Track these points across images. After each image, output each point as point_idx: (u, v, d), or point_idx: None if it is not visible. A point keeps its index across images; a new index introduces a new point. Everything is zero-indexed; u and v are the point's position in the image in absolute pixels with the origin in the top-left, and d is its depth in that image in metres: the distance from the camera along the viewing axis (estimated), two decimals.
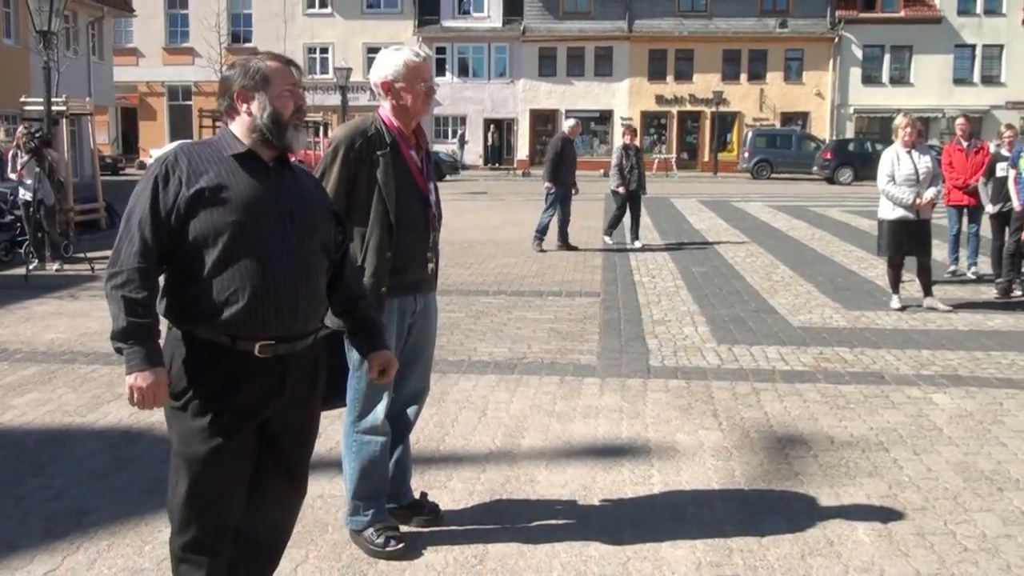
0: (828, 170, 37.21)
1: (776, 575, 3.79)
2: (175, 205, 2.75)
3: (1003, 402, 6.33)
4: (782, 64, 47.79)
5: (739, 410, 6.06)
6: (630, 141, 14.64)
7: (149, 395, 2.71)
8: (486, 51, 48.47)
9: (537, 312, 9.19)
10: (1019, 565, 3.92)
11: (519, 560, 3.87)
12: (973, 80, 47.17)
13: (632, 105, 47.35)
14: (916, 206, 9.21)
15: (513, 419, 5.77)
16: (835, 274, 12.05)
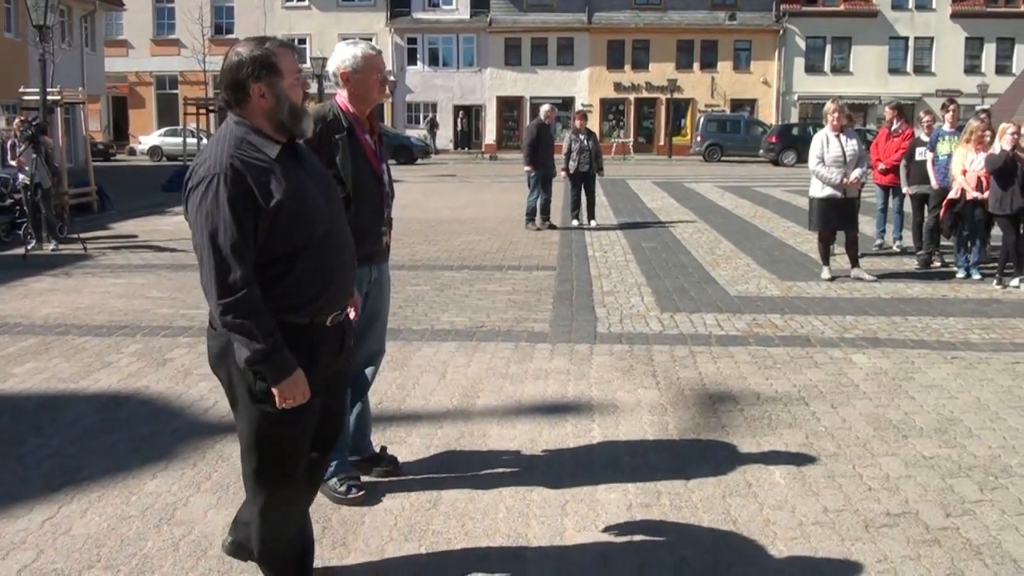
0: (774, 153, 37.52)
1: (698, 513, 3.97)
2: (258, 223, 2.66)
3: (915, 361, 6.54)
4: (732, 54, 47.92)
5: (676, 371, 6.22)
6: (580, 126, 14.67)
7: (300, 393, 2.75)
8: (455, 41, 48.19)
9: (497, 285, 9.31)
10: (916, 501, 4.12)
11: (468, 504, 4.02)
12: (906, 70, 47.61)
13: (592, 92, 47.33)
14: (843, 185, 9.43)
15: (470, 381, 5.90)
16: (772, 248, 12.24)
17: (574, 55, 47.72)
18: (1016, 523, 3.91)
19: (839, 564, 3.53)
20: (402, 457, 4.49)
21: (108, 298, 8.62)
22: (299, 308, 2.79)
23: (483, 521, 3.86)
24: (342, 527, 3.73)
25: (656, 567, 3.49)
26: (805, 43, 47.50)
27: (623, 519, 3.91)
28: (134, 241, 13.01)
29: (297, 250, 2.75)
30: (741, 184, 24.83)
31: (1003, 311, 8.29)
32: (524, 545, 3.66)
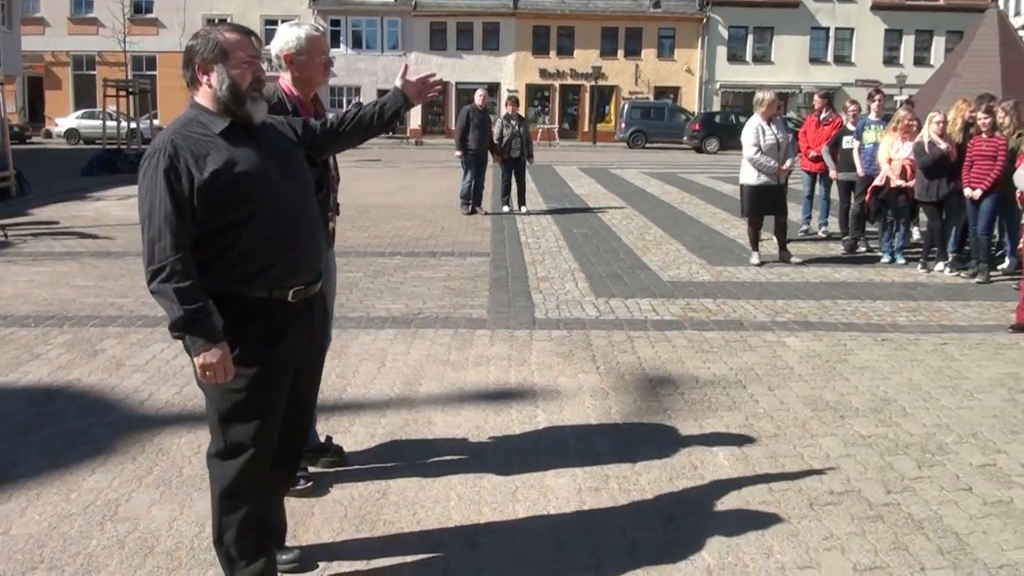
0: (697, 140, 38.10)
1: (647, 496, 4.02)
2: (193, 192, 2.75)
3: (847, 343, 6.72)
4: (655, 42, 48.50)
5: (615, 356, 6.27)
6: (512, 111, 14.69)
7: (220, 370, 2.77)
8: (379, 24, 47.71)
9: (431, 271, 9.26)
10: (857, 479, 4.24)
11: (419, 493, 4.00)
12: (827, 60, 48.83)
13: (518, 78, 47.39)
14: (779, 172, 9.64)
15: (410, 368, 5.87)
16: (701, 234, 12.42)
17: (500, 40, 47.75)
18: (955, 498, 4.06)
19: (787, 541, 3.61)
20: (347, 447, 4.44)
21: (32, 287, 8.31)
22: (251, 280, 2.85)
23: (434, 509, 3.85)
24: (292, 519, 3.66)
25: (609, 549, 3.52)
26: (728, 32, 48.32)
27: (573, 503, 3.93)
28: (56, 228, 12.53)
29: (241, 220, 2.81)
30: (666, 171, 25.14)
31: (928, 294, 8.58)
32: (477, 532, 3.66)
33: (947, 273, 9.62)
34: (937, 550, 3.57)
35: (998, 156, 8.88)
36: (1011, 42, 14.25)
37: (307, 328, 3.05)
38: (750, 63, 48.61)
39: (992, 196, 8.99)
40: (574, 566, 3.41)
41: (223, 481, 2.96)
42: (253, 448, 2.92)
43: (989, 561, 3.51)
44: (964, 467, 4.43)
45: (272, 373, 2.91)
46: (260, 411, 2.92)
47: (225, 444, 2.94)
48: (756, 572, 3.38)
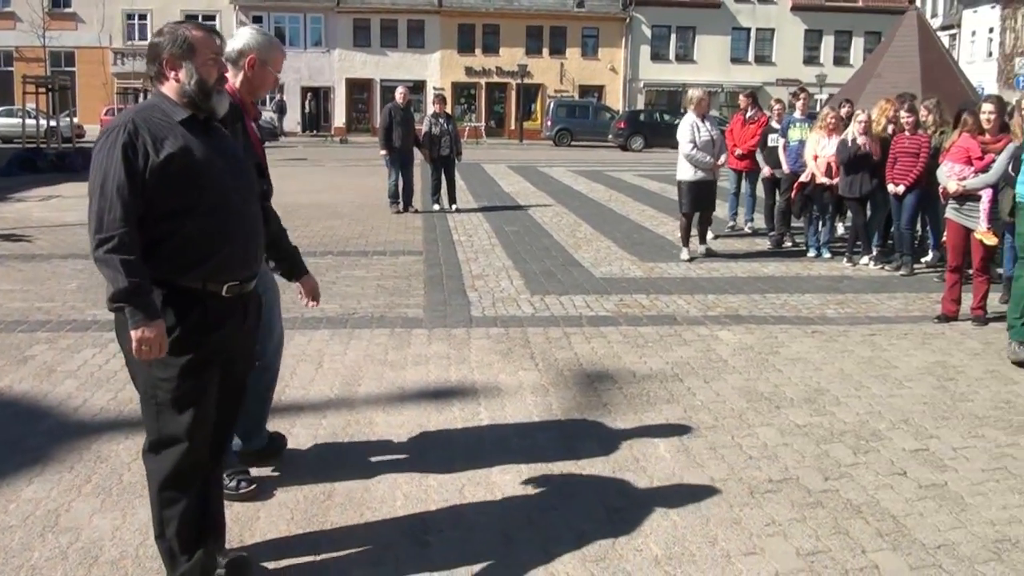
0: (622, 138, 38.48)
1: (592, 489, 4.07)
2: (147, 171, 2.81)
3: (777, 336, 6.88)
4: (580, 41, 48.92)
5: (553, 352, 6.32)
6: (439, 109, 14.65)
7: (156, 345, 2.82)
8: (302, 21, 47.05)
9: (364, 270, 9.20)
10: (795, 467, 4.36)
11: (364, 493, 3.98)
12: (748, 59, 49.86)
13: (443, 76, 47.30)
14: (714, 168, 9.85)
15: (348, 369, 5.83)
16: (631, 231, 12.57)
17: (425, 38, 47.58)
18: (891, 482, 4.20)
19: (731, 529, 3.69)
20: (287, 449, 4.40)
21: None
22: (187, 270, 2.92)
23: (381, 509, 3.83)
24: (237, 524, 3.62)
25: (557, 543, 3.56)
26: (651, 32, 48.97)
27: (520, 499, 3.96)
28: None
29: (186, 209, 2.88)
30: (593, 168, 25.36)
31: (855, 287, 8.83)
32: (426, 530, 3.66)
33: (872, 266, 9.92)
34: (876, 533, 3.70)
35: (921, 153, 9.19)
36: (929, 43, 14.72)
37: (240, 324, 3.12)
38: (673, 62, 49.35)
39: (915, 192, 9.31)
40: (524, 560, 3.43)
41: (160, 475, 3.00)
42: (187, 440, 2.97)
43: (927, 542, 3.65)
44: (898, 452, 4.59)
45: (203, 363, 2.97)
46: (193, 401, 2.96)
47: (159, 436, 2.98)
48: (702, 560, 3.45)
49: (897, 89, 10.73)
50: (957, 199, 7.54)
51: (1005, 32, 43.86)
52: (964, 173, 7.51)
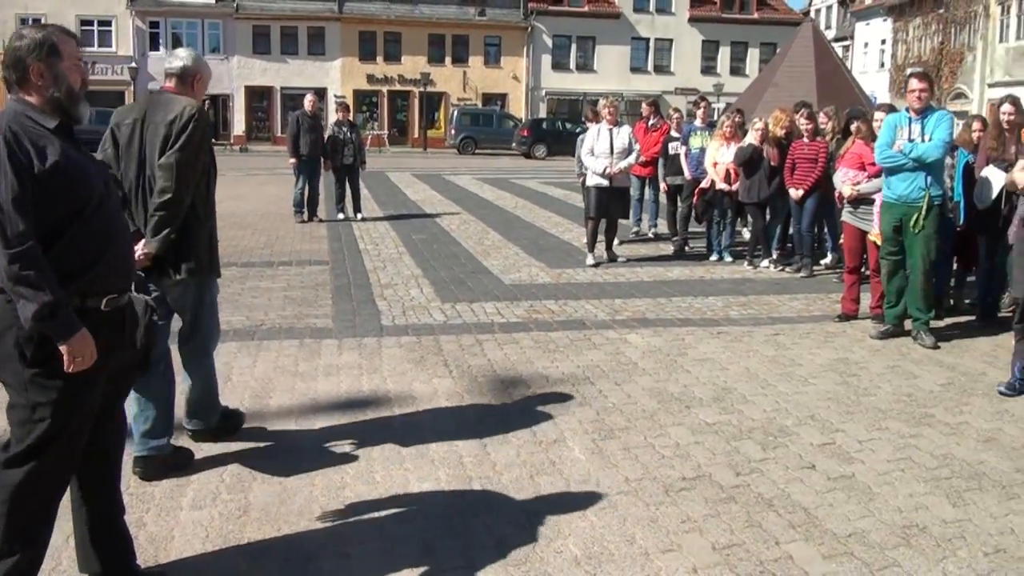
0: (526, 146, 38.79)
1: (510, 493, 4.09)
2: (36, 181, 2.73)
3: (684, 338, 7.04)
4: (482, 49, 49.11)
5: (466, 359, 6.34)
6: (343, 117, 14.51)
7: (88, 353, 2.79)
8: (200, 27, 45.91)
9: (270, 281, 9.04)
10: (707, 464, 4.47)
11: (281, 507, 3.91)
12: (648, 69, 50.83)
13: (345, 84, 46.85)
14: (606, 174, 9.99)
15: (258, 381, 5.72)
16: (538, 237, 12.67)
17: (325, 45, 47.06)
18: (800, 476, 4.35)
19: (648, 527, 3.76)
20: (201, 465, 4.31)
21: None
22: (67, 284, 2.81)
23: (299, 523, 3.78)
24: (151, 545, 3.53)
25: (479, 549, 3.57)
26: (552, 41, 49.50)
27: (440, 507, 3.96)
28: None
29: (68, 219, 2.81)
30: (499, 176, 25.48)
31: (756, 289, 9.09)
32: (346, 542, 3.62)
33: (772, 269, 10.23)
34: (788, 525, 3.82)
35: (819, 159, 9.53)
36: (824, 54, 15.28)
37: (119, 338, 3.04)
38: (574, 71, 50.00)
39: (814, 196, 9.65)
40: (446, 568, 3.43)
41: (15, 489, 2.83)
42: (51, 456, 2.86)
43: (838, 531, 3.79)
44: (806, 447, 4.75)
45: (81, 381, 2.84)
46: (64, 418, 2.85)
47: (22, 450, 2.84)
48: (621, 559, 3.51)
49: (794, 98, 11.11)
50: (852, 203, 7.84)
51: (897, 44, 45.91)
52: (858, 178, 7.81)
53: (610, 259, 10.50)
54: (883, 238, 7.18)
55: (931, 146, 6.74)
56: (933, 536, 3.79)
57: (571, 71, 49.96)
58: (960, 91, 39.67)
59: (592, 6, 49.68)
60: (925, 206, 6.80)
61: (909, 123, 6.91)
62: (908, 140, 6.84)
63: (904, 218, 6.93)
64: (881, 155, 7.04)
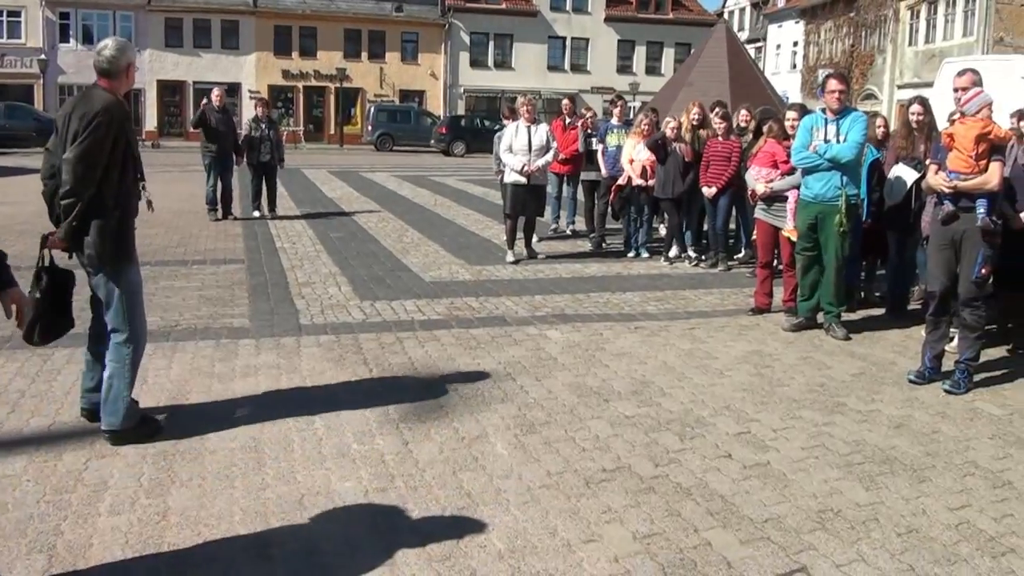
0: (444, 143, 38.75)
1: (434, 491, 4.10)
2: None
3: (603, 333, 7.14)
4: (399, 45, 48.83)
5: (386, 357, 6.32)
6: (261, 113, 14.27)
7: None
8: (111, 19, 44.53)
9: (184, 281, 8.86)
10: (626, 456, 4.56)
11: (200, 511, 3.85)
12: (564, 67, 51.26)
13: (259, 79, 46.11)
14: (524, 172, 10.05)
15: (175, 384, 5.61)
16: (457, 235, 12.69)
17: (240, 39, 46.21)
18: (717, 465, 4.47)
19: (570, 519, 3.82)
20: (117, 470, 4.22)
21: None
22: None
23: (219, 526, 3.72)
24: (69, 553, 3.44)
25: (403, 546, 3.57)
26: (469, 38, 49.51)
27: (362, 506, 3.95)
28: None
29: None
30: (417, 173, 25.40)
31: (673, 284, 9.28)
32: (268, 544, 3.59)
33: (688, 264, 10.43)
34: (707, 512, 3.93)
35: (732, 157, 9.75)
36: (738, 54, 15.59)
37: None
38: (492, 69, 50.10)
39: (727, 193, 9.87)
40: (369, 566, 3.43)
41: None
42: None
43: (755, 517, 3.91)
44: (722, 437, 4.88)
45: None
46: None
47: None
48: (544, 551, 3.55)
49: (708, 97, 11.32)
50: (765, 200, 8.05)
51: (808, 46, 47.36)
52: (771, 176, 8.02)
53: (530, 256, 10.58)
54: (799, 235, 7.39)
55: (845, 147, 6.97)
56: (847, 519, 3.94)
57: (489, 68, 50.05)
58: (870, 92, 41.04)
59: (509, 4, 49.85)
60: (844, 205, 7.02)
61: (825, 124, 7.12)
62: (824, 141, 7.05)
63: (820, 216, 7.15)
64: (797, 156, 7.25)
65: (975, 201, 5.88)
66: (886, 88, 39.71)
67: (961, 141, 5.91)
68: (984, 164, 5.85)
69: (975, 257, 5.87)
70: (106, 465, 4.28)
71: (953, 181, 5.94)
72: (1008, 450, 4.92)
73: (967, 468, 4.63)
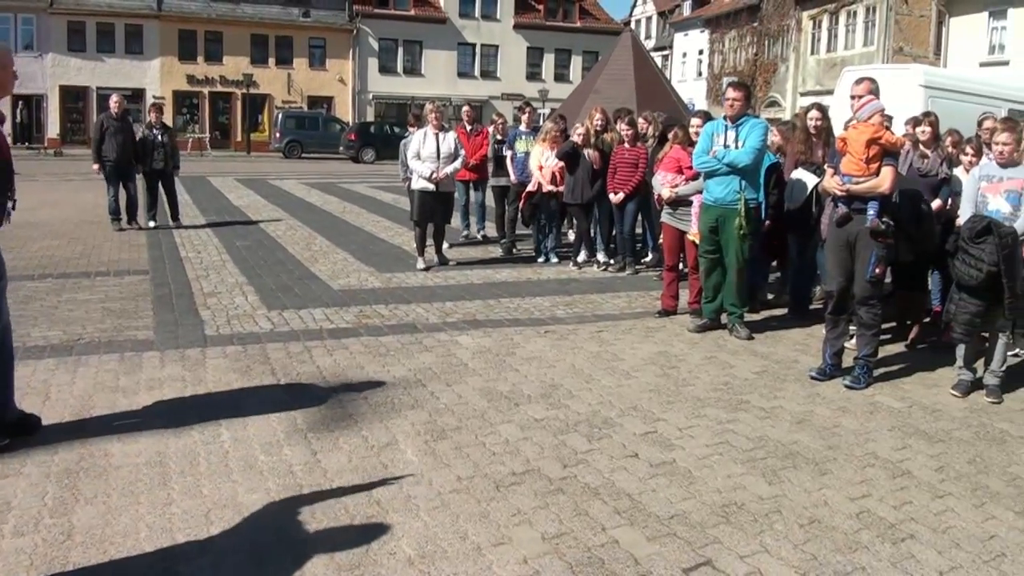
0: (353, 150, 38.53)
1: (343, 500, 4.08)
2: None
3: (513, 337, 7.20)
4: (307, 51, 48.30)
5: (294, 367, 6.25)
6: (155, 119, 13.84)
7: None
8: (12, 22, 42.86)
9: (87, 293, 8.60)
10: (535, 459, 4.62)
11: (106, 529, 3.75)
12: (474, 74, 51.47)
13: (164, 84, 45.08)
14: (433, 179, 10.06)
15: (78, 399, 5.44)
16: (367, 242, 12.62)
17: (144, 44, 45.07)
18: (624, 464, 4.56)
19: (479, 523, 3.86)
20: (20, 490, 4.08)
21: None
22: None
23: (125, 544, 3.63)
24: None
25: (311, 557, 3.54)
26: (378, 44, 49.27)
27: (270, 519, 3.90)
28: None
29: None
30: (326, 180, 25.18)
31: (581, 288, 9.40)
32: (175, 559, 3.52)
33: (596, 269, 10.58)
34: (614, 511, 4.01)
35: (639, 163, 9.93)
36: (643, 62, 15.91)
37: None
38: (401, 75, 49.96)
39: (635, 199, 10.04)
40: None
41: None
42: None
43: (661, 513, 4.01)
44: (629, 437, 4.97)
45: None
46: None
47: None
48: (454, 555, 3.58)
49: (615, 104, 11.52)
50: (671, 205, 8.22)
51: (713, 54, 48.54)
52: (676, 181, 8.20)
53: (440, 262, 10.59)
54: (701, 237, 7.57)
55: (742, 152, 7.17)
56: (751, 512, 4.06)
57: (399, 75, 49.90)
58: (774, 99, 42.25)
59: (418, 10, 49.81)
60: (743, 208, 7.22)
61: (725, 130, 7.32)
62: (723, 146, 7.25)
63: (720, 219, 7.34)
64: (698, 160, 7.45)
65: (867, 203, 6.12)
66: (789, 95, 40.91)
67: (853, 145, 6.15)
68: (875, 168, 6.09)
69: (868, 257, 6.11)
70: (9, 485, 4.14)
71: (846, 184, 6.18)
72: (907, 441, 5.14)
73: (867, 459, 4.81)
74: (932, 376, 6.56)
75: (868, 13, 36.35)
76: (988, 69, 27.71)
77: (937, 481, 4.56)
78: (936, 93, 12.15)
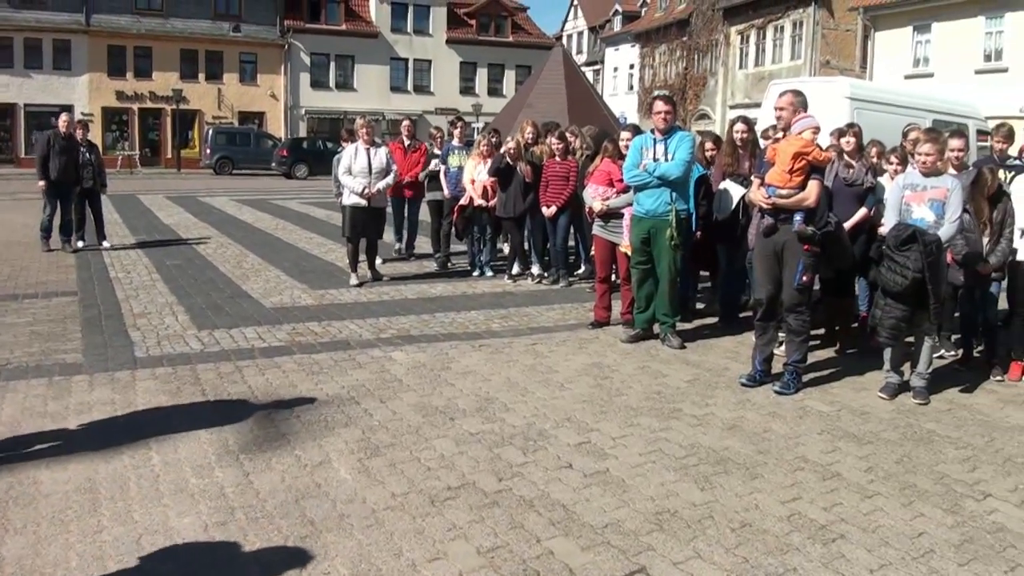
0: (286, 166, 38.11)
1: (276, 520, 4.04)
2: None
3: (448, 352, 7.21)
4: (238, 66, 47.68)
5: (225, 387, 6.17)
6: (82, 136, 13.52)
7: None
8: None
9: (14, 316, 8.37)
10: (470, 472, 4.63)
11: (36, 559, 3.66)
12: (408, 89, 51.33)
13: (92, 101, 44.06)
14: (365, 194, 10.03)
15: (6, 425, 5.28)
16: (299, 259, 12.51)
17: (72, 60, 43.96)
18: (558, 476, 4.60)
19: (415, 539, 3.85)
20: None
21: None
22: None
23: (56, 574, 3.55)
24: None
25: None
26: (310, 59, 48.87)
27: (202, 541, 3.85)
28: None
29: None
30: (257, 197, 24.89)
31: (516, 301, 9.44)
32: None
33: (530, 282, 10.63)
34: (549, 522, 4.04)
35: (570, 177, 10.02)
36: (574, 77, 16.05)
37: None
38: (334, 90, 49.61)
39: (567, 212, 10.12)
40: None
41: None
42: None
43: (595, 523, 4.06)
44: (563, 448, 5.02)
45: None
46: None
47: None
48: (389, 572, 3.57)
49: (547, 118, 11.61)
50: (602, 217, 8.31)
51: (644, 68, 49.24)
52: (607, 194, 8.29)
53: (374, 278, 10.55)
54: (632, 249, 7.66)
55: (672, 165, 7.29)
56: (684, 519, 4.12)
57: (331, 89, 49.55)
58: (704, 112, 42.98)
59: (350, 25, 49.53)
60: (674, 220, 7.32)
61: (654, 143, 7.43)
62: (653, 160, 7.35)
63: (652, 231, 7.44)
64: (628, 175, 7.54)
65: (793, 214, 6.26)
66: (719, 108, 41.63)
67: (781, 156, 6.29)
68: (799, 181, 6.23)
69: (795, 266, 6.25)
70: None
71: (772, 198, 6.31)
72: (836, 443, 5.27)
73: (797, 463, 4.92)
74: (860, 380, 6.74)
75: (795, 27, 37.20)
76: (913, 81, 28.57)
77: (866, 482, 4.69)
78: (862, 105, 12.47)
